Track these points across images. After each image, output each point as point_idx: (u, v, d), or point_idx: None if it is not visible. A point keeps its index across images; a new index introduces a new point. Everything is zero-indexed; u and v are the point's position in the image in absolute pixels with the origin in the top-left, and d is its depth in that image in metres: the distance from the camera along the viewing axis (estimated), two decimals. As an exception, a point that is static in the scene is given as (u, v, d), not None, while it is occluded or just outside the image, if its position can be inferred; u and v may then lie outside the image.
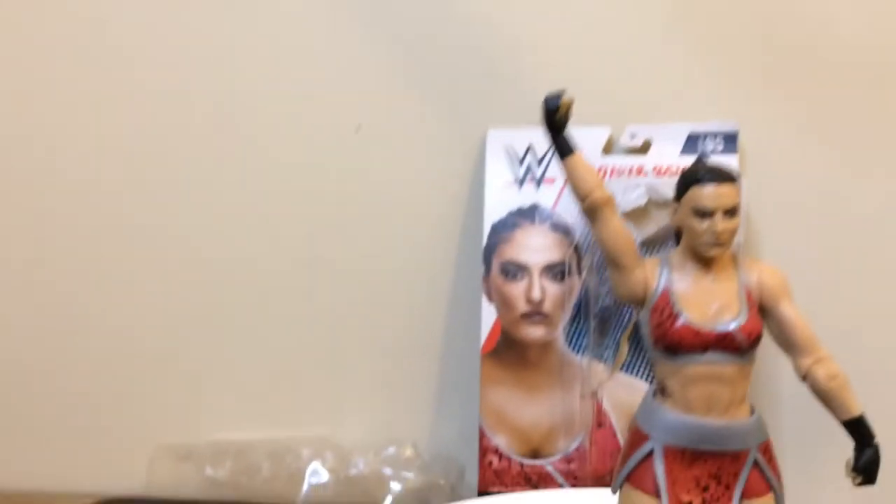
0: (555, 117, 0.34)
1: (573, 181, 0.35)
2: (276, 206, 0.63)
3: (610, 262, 0.36)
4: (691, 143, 0.56)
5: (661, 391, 0.36)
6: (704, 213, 0.34)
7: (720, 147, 0.56)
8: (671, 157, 0.56)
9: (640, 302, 0.36)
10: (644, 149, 0.57)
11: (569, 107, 0.34)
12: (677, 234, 0.37)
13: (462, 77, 0.60)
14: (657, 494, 0.35)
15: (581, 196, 0.35)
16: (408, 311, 0.63)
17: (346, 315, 0.63)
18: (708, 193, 0.34)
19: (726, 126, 0.56)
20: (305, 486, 0.61)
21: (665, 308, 0.35)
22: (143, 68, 0.62)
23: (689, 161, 0.40)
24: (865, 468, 0.34)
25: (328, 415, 0.64)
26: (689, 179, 0.35)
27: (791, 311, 0.35)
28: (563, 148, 0.35)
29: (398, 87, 0.61)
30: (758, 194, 0.57)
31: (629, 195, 0.56)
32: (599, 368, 0.57)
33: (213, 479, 0.62)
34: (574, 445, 0.57)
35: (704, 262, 0.35)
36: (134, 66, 0.62)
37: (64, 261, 0.64)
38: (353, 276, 0.63)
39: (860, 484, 0.34)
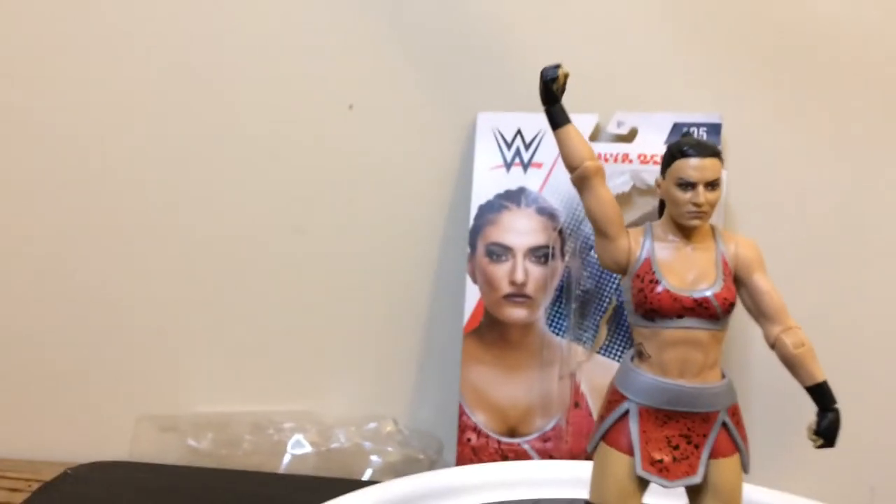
0: (551, 88, 0.36)
1: (566, 151, 0.36)
2: (263, 183, 0.63)
3: (597, 230, 0.37)
4: (676, 132, 0.57)
5: (638, 355, 0.37)
6: (688, 185, 0.36)
7: (704, 138, 0.57)
8: (656, 146, 0.57)
9: (623, 269, 0.37)
10: (630, 137, 0.58)
11: (565, 78, 0.35)
12: (661, 206, 0.38)
13: (453, 61, 0.61)
14: (631, 452, 0.37)
15: (572, 165, 0.36)
16: (393, 290, 0.64)
17: (332, 291, 0.64)
18: (692, 165, 0.35)
19: (710, 117, 0.57)
20: (287, 457, 0.62)
21: (646, 275, 0.36)
22: (135, 47, 0.62)
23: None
24: (826, 432, 0.36)
25: (311, 390, 0.65)
26: (674, 152, 0.36)
27: (764, 281, 0.37)
28: (557, 118, 0.36)
29: (390, 69, 0.61)
30: (739, 185, 0.58)
31: (614, 181, 0.57)
32: (578, 350, 0.58)
33: (195, 450, 0.62)
34: (551, 425, 0.58)
35: (685, 232, 0.37)
36: (128, 45, 0.62)
37: (47, 235, 0.64)
38: (339, 254, 0.63)
39: (820, 446, 0.36)
